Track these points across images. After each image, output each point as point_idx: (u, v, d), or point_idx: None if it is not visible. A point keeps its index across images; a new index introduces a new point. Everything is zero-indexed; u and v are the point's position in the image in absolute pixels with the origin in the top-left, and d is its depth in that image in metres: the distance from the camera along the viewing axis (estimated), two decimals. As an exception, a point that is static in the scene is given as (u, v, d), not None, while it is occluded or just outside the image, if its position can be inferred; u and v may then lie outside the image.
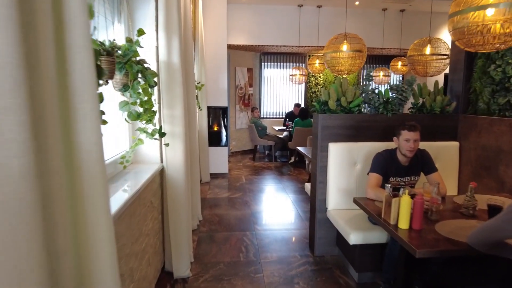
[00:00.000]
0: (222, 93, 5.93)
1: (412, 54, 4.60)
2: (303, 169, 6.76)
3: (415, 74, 4.73)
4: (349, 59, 4.11)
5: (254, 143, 7.58)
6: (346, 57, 4.11)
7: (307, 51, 8.42)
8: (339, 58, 4.15)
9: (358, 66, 4.19)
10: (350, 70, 4.18)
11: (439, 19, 8.02)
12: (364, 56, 4.11)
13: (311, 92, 8.84)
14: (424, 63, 4.50)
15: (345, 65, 4.13)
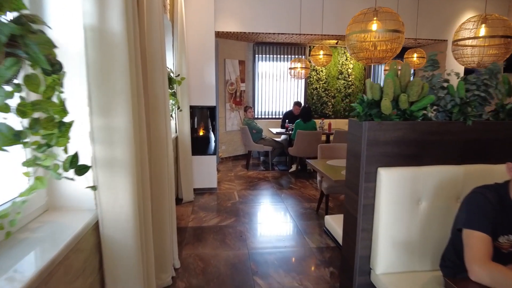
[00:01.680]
0: (209, 89, 4.77)
1: (459, 38, 3.51)
2: (306, 180, 5.66)
3: (463, 65, 3.65)
4: (382, 43, 2.99)
5: (247, 148, 6.43)
6: (379, 39, 2.99)
7: (308, 42, 7.30)
8: (368, 41, 3.03)
9: (393, 53, 3.08)
10: (383, 57, 3.07)
11: (460, 3, 6.98)
12: (402, 38, 3.00)
13: (312, 89, 7.74)
14: (479, 50, 3.42)
15: (377, 50, 3.01)
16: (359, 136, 1.89)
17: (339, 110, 7.91)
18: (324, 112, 7.85)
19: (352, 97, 7.91)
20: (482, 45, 3.30)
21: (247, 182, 5.50)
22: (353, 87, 7.86)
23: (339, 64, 7.73)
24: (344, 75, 7.79)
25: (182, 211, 4.14)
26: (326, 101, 7.83)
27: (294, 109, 6.86)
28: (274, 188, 5.20)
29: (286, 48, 7.55)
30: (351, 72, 7.80)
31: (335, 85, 7.79)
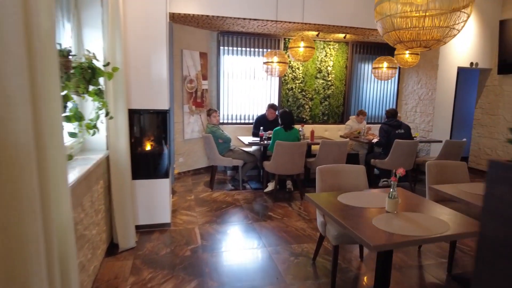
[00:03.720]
0: (159, 87, 3.40)
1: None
2: (287, 204, 4.45)
3: None
4: (436, 17, 1.82)
5: (212, 162, 5.10)
6: (431, 13, 1.81)
7: (284, 33, 6.12)
8: (416, 14, 1.85)
9: (451, 35, 1.93)
10: (439, 40, 1.90)
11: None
12: (471, 8, 1.85)
13: (287, 89, 6.56)
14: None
15: (429, 27, 1.84)
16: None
17: (317, 114, 6.82)
18: (300, 116, 6.71)
19: (332, 99, 6.84)
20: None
21: (212, 210, 4.18)
22: (333, 88, 6.80)
23: (317, 61, 6.63)
24: (323, 73, 6.71)
25: (116, 269, 2.74)
26: (303, 104, 6.70)
27: (268, 113, 5.64)
28: (248, 219, 3.93)
29: (258, 39, 6.31)
30: (331, 71, 6.74)
31: (312, 85, 6.68)
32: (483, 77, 6.72)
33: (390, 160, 5.00)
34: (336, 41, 6.67)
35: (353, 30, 5.72)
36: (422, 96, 6.61)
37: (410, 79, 6.94)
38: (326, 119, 6.90)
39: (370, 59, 6.93)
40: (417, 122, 6.72)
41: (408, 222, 1.97)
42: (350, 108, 6.98)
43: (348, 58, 6.80)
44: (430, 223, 1.95)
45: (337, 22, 5.38)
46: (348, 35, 6.23)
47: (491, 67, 6.47)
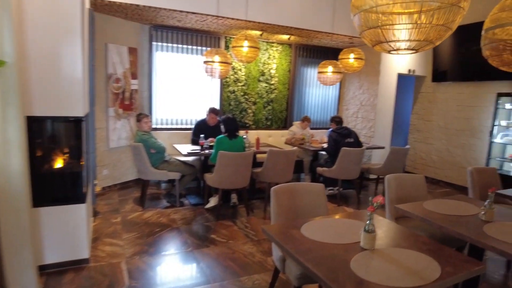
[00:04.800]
0: (72, 88, 2.67)
1: (492, 26, 2.28)
2: (232, 222, 3.95)
3: (501, 66, 2.42)
4: (435, 12, 1.47)
5: (143, 176, 4.38)
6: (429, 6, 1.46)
7: (225, 31, 5.61)
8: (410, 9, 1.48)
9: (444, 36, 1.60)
10: (431, 41, 1.55)
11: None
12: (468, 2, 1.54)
13: (229, 92, 6.06)
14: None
15: (427, 24, 1.48)
16: None
17: (261, 119, 6.43)
18: (243, 121, 6.26)
19: (276, 103, 6.51)
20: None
21: (143, 236, 3.51)
22: (276, 92, 6.47)
23: (260, 63, 6.25)
24: (266, 77, 6.34)
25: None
26: (246, 108, 6.26)
27: (209, 118, 5.08)
28: (187, 245, 3.34)
29: (196, 36, 5.71)
30: (274, 74, 6.40)
31: (255, 88, 6.28)
32: (418, 84, 6.93)
33: (337, 168, 4.77)
34: (280, 42, 6.35)
35: (298, 31, 5.42)
36: (364, 102, 6.59)
37: (352, 85, 6.90)
38: (270, 124, 6.54)
39: (313, 63, 6.73)
40: (358, 127, 6.68)
41: (392, 264, 1.59)
42: (293, 113, 6.72)
43: (292, 61, 6.53)
44: (417, 264, 1.60)
45: (282, 21, 5.03)
46: (292, 37, 5.93)
47: (426, 74, 6.68)
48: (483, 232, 2.07)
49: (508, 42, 2.32)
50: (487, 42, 2.35)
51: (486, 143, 5.63)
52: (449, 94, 6.36)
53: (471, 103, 5.97)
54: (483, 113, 5.76)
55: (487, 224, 2.21)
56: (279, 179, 4.43)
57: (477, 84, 5.85)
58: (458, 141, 6.19)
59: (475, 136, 5.91)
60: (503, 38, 2.31)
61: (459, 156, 6.19)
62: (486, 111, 5.71)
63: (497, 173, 3.71)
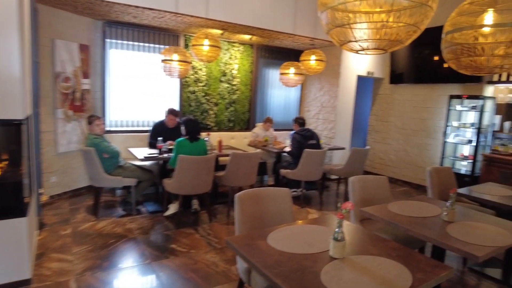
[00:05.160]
0: (7, 88, 2.36)
1: (450, 30, 2.30)
2: (193, 230, 3.77)
3: (460, 69, 2.44)
4: (405, 11, 1.42)
5: (95, 183, 4.06)
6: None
7: (184, 29, 5.38)
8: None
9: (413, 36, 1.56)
10: (400, 41, 1.50)
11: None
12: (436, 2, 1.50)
13: (189, 92, 5.84)
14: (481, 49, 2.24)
15: (396, 22, 1.43)
16: None
17: (223, 120, 6.27)
18: (205, 122, 6.06)
19: (238, 104, 6.38)
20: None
21: (96, 249, 3.22)
22: (238, 93, 6.34)
23: (222, 63, 6.09)
24: (228, 77, 6.19)
25: None
26: (207, 109, 6.06)
27: (167, 119, 4.84)
28: (145, 257, 3.11)
29: (154, 34, 5.43)
30: (236, 75, 6.27)
31: (217, 89, 6.11)
32: (377, 86, 7.12)
33: (301, 170, 4.74)
34: (242, 42, 6.23)
35: (260, 31, 5.33)
36: (325, 103, 6.65)
37: (313, 86, 6.94)
38: (232, 126, 6.40)
39: (275, 64, 6.68)
40: (319, 129, 6.73)
41: (363, 274, 1.52)
42: (256, 115, 6.63)
43: (254, 62, 6.43)
44: (389, 272, 1.54)
45: (243, 21, 4.91)
46: (254, 37, 5.84)
47: (384, 76, 6.87)
48: (447, 234, 2.08)
49: (465, 46, 2.36)
50: (446, 46, 2.38)
51: (440, 143, 5.89)
52: (405, 95, 6.59)
53: (426, 105, 6.22)
54: (437, 114, 6.03)
55: (450, 224, 2.23)
56: (243, 182, 4.31)
57: (431, 87, 6.11)
58: (414, 141, 6.43)
59: (430, 136, 6.16)
60: (461, 42, 2.36)
61: (415, 155, 6.43)
62: (439, 112, 5.97)
63: (453, 172, 3.84)
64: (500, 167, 4.77)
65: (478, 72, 2.27)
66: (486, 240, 1.99)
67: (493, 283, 3.05)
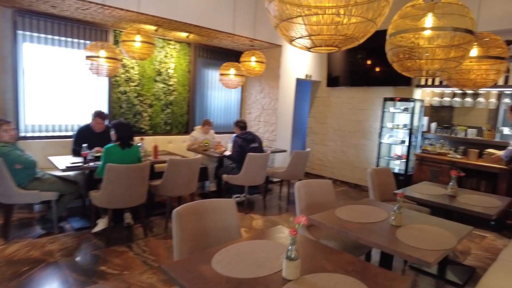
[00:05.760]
0: None
1: (394, 32, 2.27)
2: (125, 246, 3.36)
3: (403, 71, 2.42)
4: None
5: (4, 200, 3.42)
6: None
7: (114, 23, 4.89)
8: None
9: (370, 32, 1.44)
10: (356, 38, 1.36)
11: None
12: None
13: (119, 93, 5.33)
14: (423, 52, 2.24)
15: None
16: None
17: (159, 123, 5.85)
18: (138, 126, 5.59)
19: (175, 106, 6.01)
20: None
21: (4, 281, 2.68)
22: (175, 94, 5.97)
23: (156, 61, 5.67)
24: (164, 76, 5.80)
25: None
26: (141, 111, 5.60)
27: (94, 123, 4.32)
28: (69, 285, 2.66)
29: (78, 27, 4.84)
30: (173, 74, 5.90)
31: (152, 89, 5.68)
32: (314, 89, 7.24)
33: (244, 175, 4.56)
34: (178, 40, 5.87)
35: (198, 29, 5.05)
36: (266, 106, 6.56)
37: (253, 88, 6.83)
38: (169, 129, 6.00)
39: (215, 65, 6.43)
40: (261, 131, 6.64)
41: (321, 297, 1.36)
42: (195, 117, 6.31)
43: (191, 61, 6.11)
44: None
45: (179, 17, 4.59)
46: (191, 35, 5.53)
47: (321, 79, 7.00)
48: (397, 239, 2.03)
49: (407, 49, 2.37)
50: (390, 48, 2.36)
51: (375, 143, 6.13)
52: (342, 98, 6.78)
53: (361, 107, 6.45)
54: (372, 116, 6.28)
55: (398, 229, 2.20)
56: (182, 191, 3.99)
57: (366, 89, 6.35)
58: (351, 142, 6.64)
59: (365, 137, 6.40)
60: (403, 45, 2.35)
61: (352, 156, 6.64)
62: (374, 114, 6.23)
63: (391, 173, 3.95)
64: (430, 165, 5.08)
65: (420, 74, 2.27)
66: (434, 244, 1.97)
67: (431, 279, 3.16)
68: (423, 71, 2.20)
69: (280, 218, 4.56)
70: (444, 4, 2.12)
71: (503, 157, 4.29)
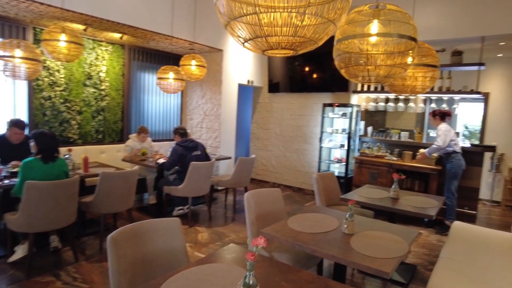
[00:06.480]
0: None
1: (340, 38, 2.24)
2: (51, 275, 2.92)
3: (351, 78, 2.38)
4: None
5: None
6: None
7: (33, 19, 4.31)
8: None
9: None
10: (314, 41, 1.25)
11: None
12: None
13: (42, 99, 4.73)
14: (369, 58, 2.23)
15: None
16: None
17: (89, 132, 5.31)
18: (65, 135, 5.01)
19: (108, 113, 5.52)
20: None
21: None
22: (108, 99, 5.49)
23: (86, 64, 5.16)
24: (95, 81, 5.29)
25: None
26: (69, 119, 5.03)
27: (10, 133, 3.75)
28: (-26, 332, 2.19)
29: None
30: (105, 78, 5.41)
31: (81, 94, 5.14)
32: (256, 94, 7.20)
33: (187, 185, 4.30)
34: (110, 42, 5.41)
35: (132, 30, 4.69)
36: (208, 111, 6.35)
37: (195, 93, 6.57)
38: (102, 137, 5.48)
39: (152, 68, 6.06)
40: (204, 138, 6.40)
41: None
42: (130, 124, 5.86)
43: (126, 64, 5.67)
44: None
45: (111, 16, 4.21)
46: (125, 37, 5.12)
47: (263, 85, 6.99)
48: (352, 249, 1.98)
49: (353, 54, 2.36)
50: (337, 54, 2.33)
51: (316, 148, 6.25)
52: (283, 104, 6.82)
53: (301, 113, 6.55)
54: (312, 121, 6.40)
55: (351, 237, 2.16)
56: (118, 207, 3.62)
57: (305, 95, 6.46)
58: (293, 147, 6.70)
59: (306, 142, 6.50)
60: (349, 51, 2.34)
61: (294, 160, 6.70)
62: (314, 119, 6.35)
63: (335, 177, 4.00)
64: (369, 168, 5.29)
65: (369, 81, 2.28)
66: (388, 252, 1.96)
67: (378, 280, 3.22)
68: (371, 77, 2.19)
69: (226, 229, 4.37)
70: (388, 11, 2.13)
71: (427, 154, 4.65)
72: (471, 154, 4.82)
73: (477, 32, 4.67)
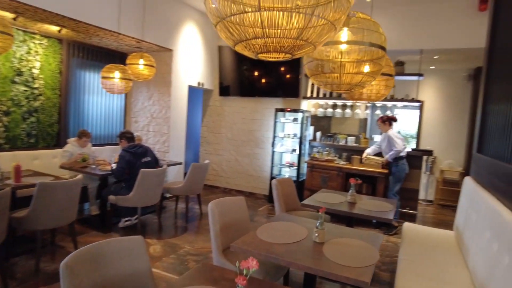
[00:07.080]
0: None
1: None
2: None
3: (320, 85, 2.34)
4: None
5: None
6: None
7: None
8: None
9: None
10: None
11: (183, 13, 6.00)
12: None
13: (-41, 97, 4.06)
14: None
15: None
16: None
17: (20, 135, 4.70)
18: (-11, 140, 4.37)
19: (42, 114, 4.93)
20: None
21: None
22: (42, 99, 4.91)
23: (15, 58, 4.56)
24: (26, 77, 4.70)
25: None
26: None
27: None
28: None
29: None
30: (39, 75, 4.84)
31: (8, 92, 4.53)
32: (207, 97, 7.01)
33: (136, 194, 3.98)
34: (46, 35, 4.85)
35: (73, 23, 4.24)
36: (155, 114, 6.01)
37: (141, 94, 6.18)
38: (35, 142, 4.88)
39: (94, 66, 5.57)
40: (151, 142, 6.04)
41: None
42: (69, 127, 5.31)
43: (64, 61, 5.13)
44: None
45: (47, 6, 3.75)
46: (64, 30, 4.63)
47: (213, 88, 6.82)
48: (328, 259, 1.94)
49: (320, 62, 2.34)
50: (307, 61, 2.30)
51: (268, 152, 6.25)
52: (234, 108, 6.72)
53: (253, 117, 6.51)
54: (264, 125, 6.38)
55: (323, 246, 2.13)
56: (58, 221, 3.21)
57: (256, 100, 6.43)
58: (245, 151, 6.62)
59: (258, 146, 6.47)
60: (317, 58, 2.32)
61: (246, 165, 6.63)
62: (266, 124, 6.35)
63: (293, 182, 4.00)
64: (320, 172, 5.40)
65: (338, 89, 2.27)
66: (362, 259, 1.96)
67: (338, 285, 3.25)
68: (341, 85, 2.19)
69: (180, 240, 4.13)
70: (358, 19, 2.15)
71: (390, 159, 4.86)
72: (412, 158, 5.16)
73: (417, 45, 5.04)
